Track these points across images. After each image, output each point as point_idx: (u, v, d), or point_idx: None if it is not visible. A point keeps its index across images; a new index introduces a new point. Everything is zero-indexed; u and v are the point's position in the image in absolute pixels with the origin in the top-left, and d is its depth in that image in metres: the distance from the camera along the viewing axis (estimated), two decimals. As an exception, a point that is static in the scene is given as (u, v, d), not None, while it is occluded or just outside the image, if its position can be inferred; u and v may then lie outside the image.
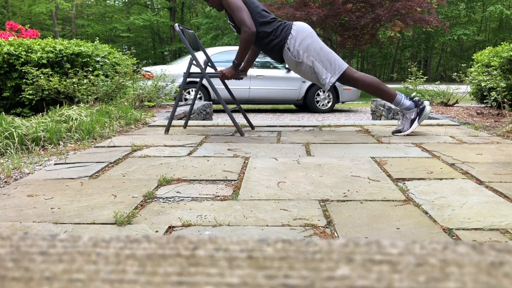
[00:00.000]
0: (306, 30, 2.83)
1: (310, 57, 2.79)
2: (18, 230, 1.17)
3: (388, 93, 2.81)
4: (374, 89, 2.82)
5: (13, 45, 3.95)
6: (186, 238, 0.32)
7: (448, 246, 0.30)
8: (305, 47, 2.78)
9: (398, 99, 2.80)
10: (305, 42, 2.78)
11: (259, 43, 2.88)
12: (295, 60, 2.82)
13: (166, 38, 31.03)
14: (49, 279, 0.27)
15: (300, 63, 2.82)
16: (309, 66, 2.81)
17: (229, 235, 1.13)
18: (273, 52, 2.89)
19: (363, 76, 2.83)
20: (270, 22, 2.83)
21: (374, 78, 2.84)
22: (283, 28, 2.82)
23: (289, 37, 2.79)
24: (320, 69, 2.79)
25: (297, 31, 2.80)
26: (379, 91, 2.81)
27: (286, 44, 2.80)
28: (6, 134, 2.41)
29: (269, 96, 7.77)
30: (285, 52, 2.83)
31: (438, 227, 1.18)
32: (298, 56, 2.80)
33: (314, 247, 0.31)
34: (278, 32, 2.81)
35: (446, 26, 14.82)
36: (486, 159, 2.04)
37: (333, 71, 2.80)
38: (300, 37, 2.79)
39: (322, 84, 2.83)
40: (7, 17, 25.46)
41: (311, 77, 2.88)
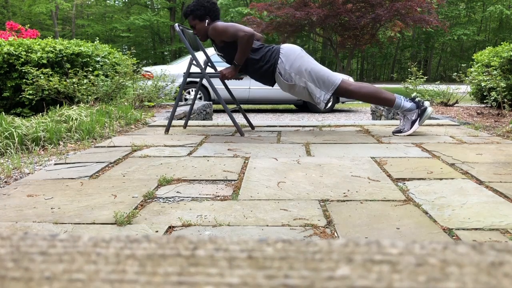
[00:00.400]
0: (294, 51, 2.83)
1: (302, 78, 2.79)
2: (18, 230, 1.17)
3: (386, 99, 2.80)
4: (372, 98, 2.82)
5: (13, 45, 3.95)
6: (186, 238, 0.32)
7: (448, 246, 0.30)
8: (296, 69, 2.79)
9: (397, 103, 2.80)
10: (295, 64, 2.79)
11: (249, 70, 2.90)
12: (288, 83, 2.83)
13: (166, 38, 31.03)
14: (49, 279, 0.27)
15: (293, 85, 2.83)
16: (302, 87, 2.82)
17: (229, 235, 1.13)
18: (265, 78, 2.90)
19: (358, 87, 2.82)
20: (257, 49, 2.85)
21: (370, 88, 2.84)
22: (272, 53, 2.83)
23: (279, 62, 2.80)
24: (314, 89, 2.80)
25: (285, 54, 2.81)
26: (377, 99, 2.81)
27: (276, 69, 2.81)
28: (6, 134, 2.41)
29: (269, 96, 7.77)
30: (277, 77, 2.85)
31: (438, 227, 1.18)
32: (290, 79, 2.81)
33: (314, 247, 0.31)
34: (267, 57, 2.82)
35: (446, 26, 14.82)
36: (486, 159, 2.04)
37: (327, 88, 2.80)
38: (290, 60, 2.79)
39: (317, 103, 2.84)
40: (7, 17, 25.46)
41: (306, 97, 2.89)
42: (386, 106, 2.84)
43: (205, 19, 2.84)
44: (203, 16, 2.83)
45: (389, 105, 2.82)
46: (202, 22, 2.84)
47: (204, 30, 2.85)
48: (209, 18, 2.85)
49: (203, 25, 2.84)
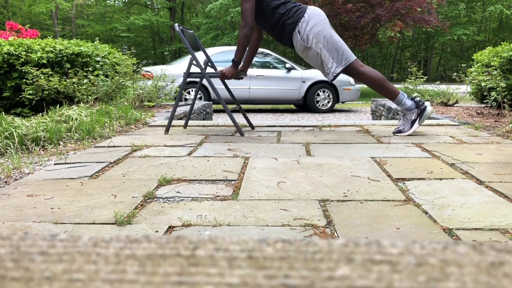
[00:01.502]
0: (319, 15, 2.80)
1: (319, 43, 2.76)
2: (18, 230, 1.17)
3: (391, 91, 2.79)
4: (378, 85, 2.80)
5: (13, 45, 3.95)
6: (186, 238, 0.32)
7: (448, 246, 0.30)
8: (316, 33, 2.75)
9: (400, 98, 2.79)
10: (316, 27, 2.75)
11: (270, 25, 2.85)
12: (304, 44, 2.79)
13: (166, 38, 31.03)
14: (49, 279, 0.27)
15: (308, 48, 2.80)
16: (316, 52, 2.79)
17: (229, 235, 1.13)
18: (283, 35, 2.85)
19: (368, 70, 2.81)
20: (284, 3, 2.81)
21: (379, 74, 2.82)
22: (297, 10, 2.80)
23: (301, 20, 2.76)
24: (327, 58, 2.77)
25: (310, 15, 2.77)
26: (382, 87, 2.80)
27: (297, 26, 2.77)
28: (6, 134, 2.41)
29: (269, 96, 7.77)
30: (294, 35, 2.80)
31: (438, 227, 1.18)
32: (307, 40, 2.77)
33: (314, 247, 0.31)
34: (291, 13, 2.79)
35: (446, 26, 14.82)
36: (486, 159, 2.04)
37: (339, 61, 2.78)
38: (312, 22, 2.76)
39: (326, 73, 2.82)
40: (7, 17, 25.46)
41: (317, 64, 2.86)
42: (389, 97, 2.82)
43: None
44: None
45: (391, 97, 2.81)
46: None
47: None
48: None
49: None
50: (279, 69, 7.85)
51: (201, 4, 29.22)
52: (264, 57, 7.96)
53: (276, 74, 7.74)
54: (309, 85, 7.74)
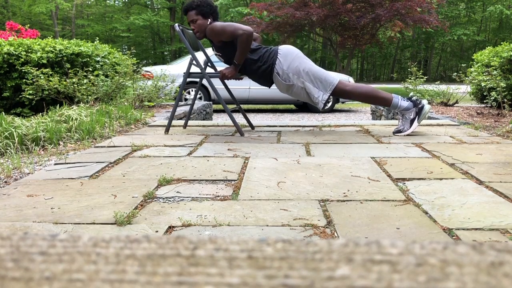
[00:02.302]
0: (292, 52, 2.85)
1: (300, 78, 2.81)
2: (18, 230, 1.17)
3: (383, 99, 2.81)
4: (369, 98, 2.84)
5: (13, 45, 3.95)
6: (186, 238, 0.32)
7: (448, 246, 0.30)
8: (294, 70, 2.80)
9: (394, 102, 2.80)
10: (293, 64, 2.80)
11: (247, 70, 2.91)
12: (286, 83, 2.84)
13: (166, 38, 31.03)
14: (49, 279, 0.27)
15: (291, 86, 2.85)
16: (300, 87, 2.84)
17: (229, 235, 1.13)
18: (262, 78, 2.91)
19: (355, 87, 2.84)
20: (255, 49, 2.86)
21: (366, 88, 2.85)
22: (270, 53, 2.85)
23: (277, 62, 2.81)
24: (312, 89, 2.81)
25: (283, 55, 2.82)
26: (374, 99, 2.83)
27: (274, 69, 2.82)
28: (6, 134, 2.41)
29: (269, 96, 7.77)
30: (275, 77, 2.86)
31: (438, 227, 1.18)
32: (288, 79, 2.82)
33: (314, 247, 0.31)
34: (265, 58, 2.84)
35: (446, 26, 14.82)
36: (486, 159, 2.04)
37: (324, 89, 2.82)
38: (288, 60, 2.81)
39: (315, 103, 2.85)
40: (7, 17, 25.46)
41: (304, 97, 2.90)
42: (383, 106, 2.86)
43: (209, 18, 2.84)
44: (207, 14, 2.83)
45: (386, 105, 2.83)
46: (205, 20, 2.84)
47: (204, 28, 2.85)
48: (211, 17, 2.85)
49: (205, 22, 2.84)
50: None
51: (201, 4, 29.15)
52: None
53: (276, 74, 7.73)
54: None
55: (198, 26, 2.86)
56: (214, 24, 2.77)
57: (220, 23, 2.78)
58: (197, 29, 2.87)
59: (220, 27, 2.75)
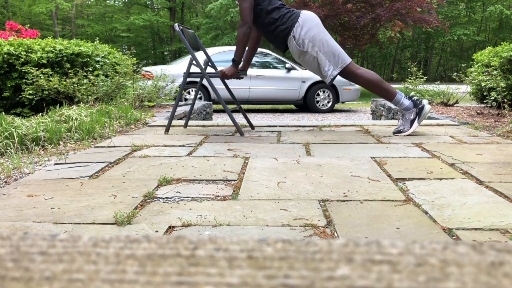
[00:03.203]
0: (313, 19, 2.81)
1: (315, 47, 2.77)
2: (18, 230, 1.17)
3: (388, 92, 2.80)
4: (375, 87, 2.81)
5: (13, 45, 3.95)
6: (186, 238, 0.32)
7: (448, 246, 0.30)
8: (311, 37, 2.76)
9: (397, 98, 2.80)
10: (311, 31, 2.76)
11: (264, 29, 2.86)
12: (300, 49, 2.80)
13: (166, 38, 31.02)
14: (49, 279, 0.27)
15: (304, 53, 2.80)
16: (313, 56, 2.80)
17: (229, 235, 1.13)
18: (277, 39, 2.86)
19: (365, 72, 2.82)
20: (278, 8, 2.81)
21: (375, 75, 2.83)
22: (291, 15, 2.80)
23: (296, 25, 2.77)
24: (323, 61, 2.78)
25: (304, 20, 2.78)
26: (380, 88, 2.80)
27: (292, 32, 2.78)
28: (6, 134, 2.41)
29: (269, 96, 7.77)
30: (290, 40, 2.81)
31: (438, 227, 1.18)
32: (303, 45, 2.78)
33: (314, 247, 0.31)
34: (284, 19, 2.79)
35: (446, 26, 14.83)
36: (486, 159, 2.04)
37: (336, 64, 2.79)
38: (307, 26, 2.77)
39: (323, 76, 2.82)
40: (7, 17, 25.46)
41: (314, 68, 2.87)
42: (386, 98, 2.82)
43: None
44: None
45: (389, 98, 2.81)
46: None
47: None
48: None
49: None
50: (279, 69, 7.85)
51: (201, 4, 29.22)
52: (264, 57, 7.96)
53: (276, 74, 7.74)
54: (309, 85, 7.74)
55: None
56: None
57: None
58: None
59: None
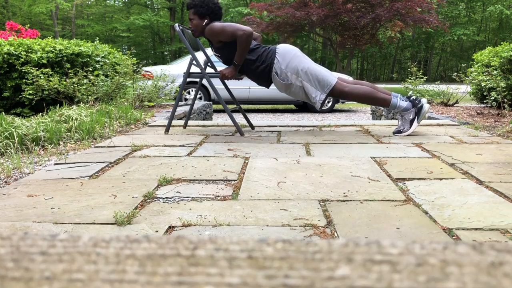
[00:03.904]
0: (290, 51, 2.84)
1: (298, 77, 2.80)
2: (18, 230, 1.17)
3: (382, 100, 2.80)
4: (367, 99, 2.82)
5: (13, 45, 3.95)
6: (186, 238, 0.32)
7: (448, 246, 0.30)
8: (292, 69, 2.79)
9: (393, 103, 2.79)
10: (291, 63, 2.79)
11: (245, 70, 2.90)
12: (284, 83, 2.83)
13: (166, 38, 31.02)
14: (49, 279, 0.27)
15: (289, 85, 2.84)
16: (298, 86, 2.83)
17: (229, 235, 1.13)
18: (261, 78, 2.91)
19: (353, 89, 2.82)
20: (254, 49, 2.86)
21: (365, 89, 2.82)
22: (268, 53, 2.84)
23: (275, 61, 2.81)
24: (309, 88, 2.81)
25: (281, 54, 2.81)
26: (373, 100, 2.81)
27: (273, 68, 2.82)
28: (6, 134, 2.41)
29: (269, 96, 7.77)
30: (273, 77, 2.85)
31: (438, 227, 1.18)
32: (286, 78, 2.82)
33: (314, 247, 0.31)
34: (263, 58, 2.83)
35: (446, 26, 14.83)
36: (486, 159, 2.04)
37: (322, 88, 2.81)
38: (286, 60, 2.80)
39: (313, 102, 2.84)
40: (7, 17, 25.46)
41: (302, 97, 2.90)
42: (382, 106, 2.84)
43: (205, 18, 2.85)
44: (204, 14, 2.84)
45: (384, 106, 2.81)
46: (201, 20, 2.85)
47: (200, 28, 2.86)
48: (208, 18, 2.85)
49: (201, 22, 2.85)
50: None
51: (201, 4, 29.16)
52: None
53: (276, 74, 7.73)
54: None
55: (194, 26, 2.87)
56: (213, 25, 2.77)
57: (219, 24, 2.78)
58: (193, 28, 2.88)
59: (219, 27, 2.76)
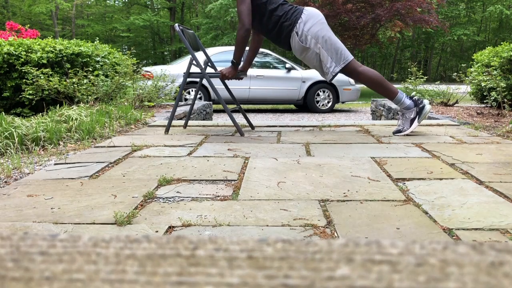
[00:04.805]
0: (316, 16, 2.80)
1: (317, 44, 2.75)
2: (18, 230, 1.17)
3: (389, 90, 2.79)
4: (376, 85, 2.79)
5: (13, 45, 3.95)
6: (186, 238, 0.32)
7: (448, 246, 0.30)
8: (314, 33, 2.74)
9: (399, 97, 2.79)
10: (314, 28, 2.75)
11: (268, 28, 2.84)
12: (302, 45, 2.78)
13: (166, 38, 31.03)
14: (49, 279, 0.27)
15: (306, 49, 2.79)
16: (315, 52, 2.78)
17: (229, 235, 1.13)
18: (281, 37, 2.84)
19: (366, 70, 2.80)
20: (281, 4, 2.80)
21: (377, 74, 2.82)
22: (294, 11, 2.79)
23: (299, 21, 2.75)
24: (326, 57, 2.76)
25: (307, 15, 2.77)
26: (381, 87, 2.79)
27: (295, 27, 2.76)
28: (6, 134, 2.41)
29: (269, 96, 7.77)
30: (292, 36, 2.79)
31: (438, 227, 1.18)
32: (305, 41, 2.76)
33: (314, 247, 0.31)
34: (288, 15, 2.78)
35: (446, 26, 14.83)
36: (486, 159, 2.04)
37: (338, 61, 2.77)
38: (310, 23, 2.75)
39: (325, 72, 2.81)
40: (7, 17, 25.46)
41: (315, 65, 2.85)
42: (388, 97, 2.81)
43: None
44: None
45: (390, 97, 2.80)
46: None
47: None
48: None
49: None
50: (279, 69, 7.85)
51: (201, 4, 29.22)
52: (264, 57, 7.96)
53: (276, 74, 7.74)
54: (309, 85, 7.74)
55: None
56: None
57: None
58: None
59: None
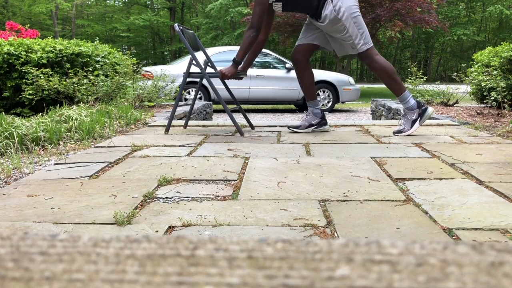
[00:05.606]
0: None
1: (349, 18, 2.71)
2: (18, 230, 1.17)
3: (399, 85, 2.79)
4: (388, 76, 2.78)
5: (13, 45, 3.95)
6: (186, 238, 0.32)
7: (448, 246, 0.30)
8: (348, 7, 2.71)
9: (405, 95, 2.79)
10: (349, 2, 2.72)
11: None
12: (334, 14, 2.72)
13: (166, 38, 31.03)
14: (49, 279, 0.27)
15: (338, 20, 2.73)
16: (344, 26, 2.74)
17: (229, 235, 1.13)
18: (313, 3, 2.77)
19: (382, 59, 2.80)
20: None
21: (391, 65, 2.82)
22: None
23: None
24: (355, 33, 2.74)
25: None
26: (392, 79, 2.78)
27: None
28: (6, 134, 2.41)
29: (269, 96, 7.77)
30: (327, 5, 2.73)
31: (438, 227, 1.18)
32: (338, 12, 2.71)
33: (314, 247, 0.31)
34: None
35: (446, 26, 14.82)
36: (486, 159, 2.04)
37: (365, 41, 2.78)
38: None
39: (356, 44, 2.76)
40: (7, 17, 25.46)
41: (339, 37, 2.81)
42: (395, 92, 2.81)
43: None
44: None
45: (398, 92, 2.79)
46: None
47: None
48: None
49: None
50: (279, 69, 7.85)
51: (201, 4, 29.22)
52: (264, 57, 7.95)
53: (276, 74, 7.74)
54: (309, 85, 7.73)
55: None
56: None
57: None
58: None
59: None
